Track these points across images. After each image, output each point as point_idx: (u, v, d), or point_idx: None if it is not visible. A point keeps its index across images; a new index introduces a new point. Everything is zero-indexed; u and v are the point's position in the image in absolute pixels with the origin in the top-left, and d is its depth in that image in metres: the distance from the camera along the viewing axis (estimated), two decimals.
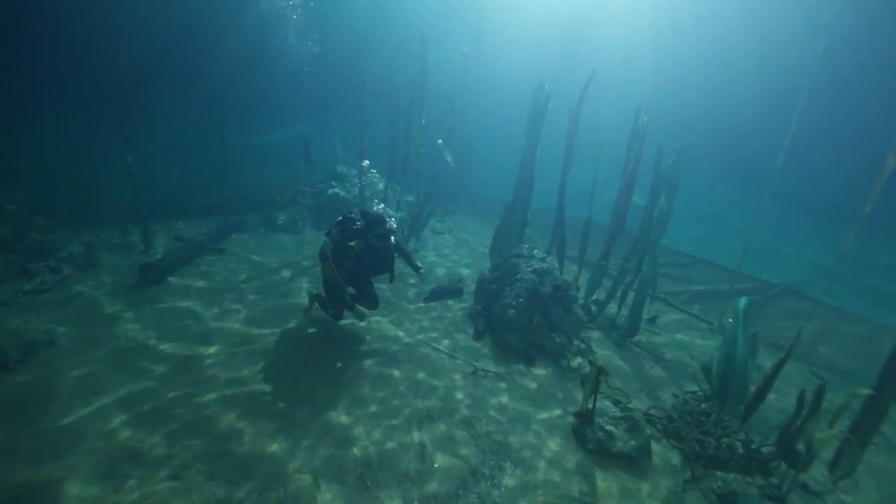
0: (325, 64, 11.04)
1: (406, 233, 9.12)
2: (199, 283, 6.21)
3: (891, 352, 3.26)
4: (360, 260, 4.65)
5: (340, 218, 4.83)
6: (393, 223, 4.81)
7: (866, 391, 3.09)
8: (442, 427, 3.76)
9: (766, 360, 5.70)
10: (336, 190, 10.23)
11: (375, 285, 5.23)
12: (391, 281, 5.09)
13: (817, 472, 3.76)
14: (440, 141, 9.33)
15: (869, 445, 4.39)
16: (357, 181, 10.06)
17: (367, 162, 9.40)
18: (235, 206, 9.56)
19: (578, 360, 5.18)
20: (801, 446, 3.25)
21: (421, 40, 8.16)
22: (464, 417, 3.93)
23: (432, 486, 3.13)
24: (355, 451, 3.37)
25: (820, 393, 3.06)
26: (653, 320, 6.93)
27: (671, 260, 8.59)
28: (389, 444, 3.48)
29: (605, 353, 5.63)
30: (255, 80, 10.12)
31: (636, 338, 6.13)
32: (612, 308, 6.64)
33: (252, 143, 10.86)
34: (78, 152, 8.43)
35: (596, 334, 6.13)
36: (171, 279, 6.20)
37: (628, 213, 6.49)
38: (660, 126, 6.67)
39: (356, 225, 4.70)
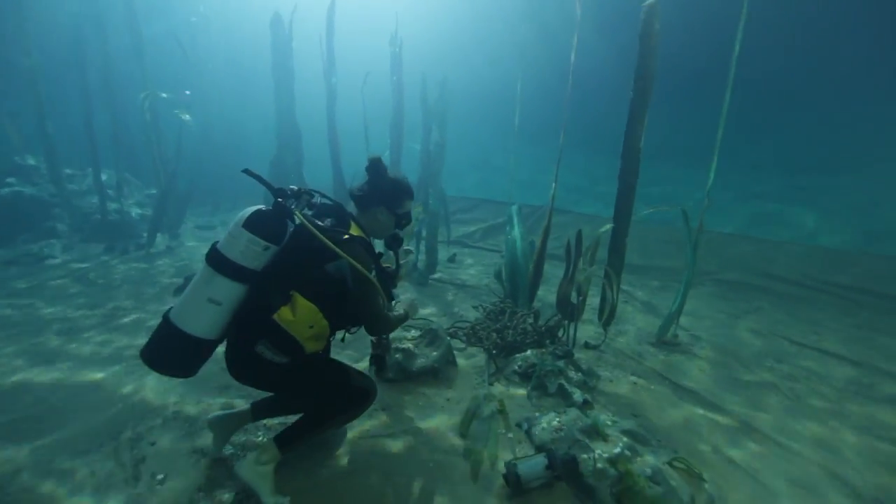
0: None
1: (146, 234, 6.81)
2: None
3: (615, 203, 3.65)
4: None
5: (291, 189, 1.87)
6: None
7: (608, 226, 3.36)
8: None
9: (550, 267, 6.27)
10: (17, 188, 6.95)
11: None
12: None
13: (594, 335, 4.09)
14: (176, 111, 7.38)
15: (624, 303, 5.13)
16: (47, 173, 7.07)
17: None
18: None
19: None
20: (574, 298, 3.34)
21: None
22: None
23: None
24: None
25: (578, 238, 3.15)
26: (452, 259, 6.96)
27: (460, 206, 9.02)
28: None
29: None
30: None
31: (437, 275, 5.93)
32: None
33: None
34: None
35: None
36: None
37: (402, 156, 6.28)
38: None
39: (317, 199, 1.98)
